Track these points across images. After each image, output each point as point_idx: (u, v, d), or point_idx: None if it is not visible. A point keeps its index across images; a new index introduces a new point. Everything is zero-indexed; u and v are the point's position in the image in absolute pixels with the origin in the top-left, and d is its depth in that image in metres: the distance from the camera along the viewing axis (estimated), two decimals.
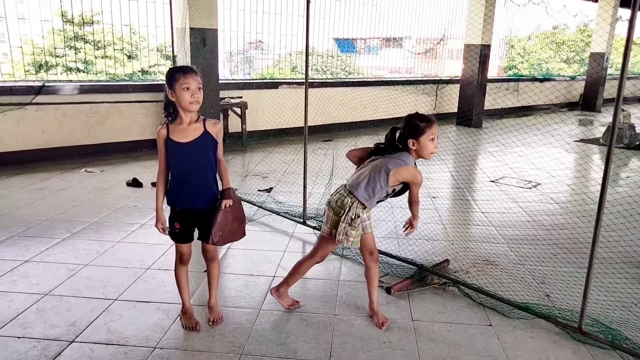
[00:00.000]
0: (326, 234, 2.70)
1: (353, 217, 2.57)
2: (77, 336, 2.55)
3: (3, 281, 3.13)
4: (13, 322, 2.67)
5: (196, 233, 2.61)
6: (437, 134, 2.61)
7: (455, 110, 11.08)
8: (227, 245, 3.86)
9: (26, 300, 2.90)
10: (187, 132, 2.43)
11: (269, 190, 5.41)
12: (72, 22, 7.56)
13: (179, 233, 2.56)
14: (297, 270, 2.88)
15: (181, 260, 2.65)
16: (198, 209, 2.52)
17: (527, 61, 18.53)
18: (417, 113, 2.63)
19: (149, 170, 6.07)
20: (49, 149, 6.45)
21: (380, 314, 2.79)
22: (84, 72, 8.46)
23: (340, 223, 2.59)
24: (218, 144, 2.52)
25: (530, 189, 5.81)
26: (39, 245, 3.71)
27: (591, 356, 2.53)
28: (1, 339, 2.51)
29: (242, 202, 2.72)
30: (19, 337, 2.53)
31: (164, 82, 2.44)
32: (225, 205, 2.50)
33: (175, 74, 2.37)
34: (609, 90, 14.53)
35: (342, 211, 2.59)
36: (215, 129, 2.50)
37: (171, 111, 2.44)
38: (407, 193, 2.68)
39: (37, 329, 2.62)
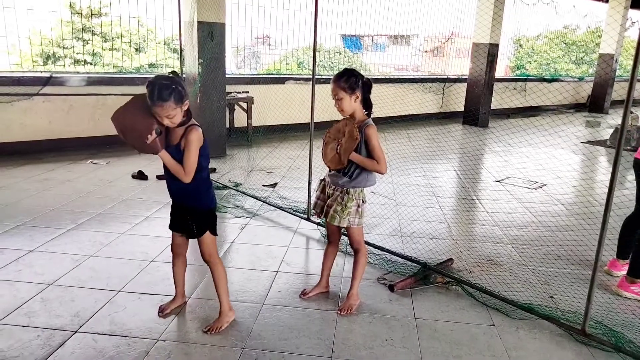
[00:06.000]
0: None
1: None
2: (80, 326, 2.57)
3: (8, 270, 3.15)
4: (17, 311, 2.69)
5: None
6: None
7: (462, 109, 11.02)
8: (231, 239, 3.89)
9: (31, 290, 2.92)
10: None
11: (273, 185, 5.41)
12: (80, 13, 7.57)
13: None
14: None
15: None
16: None
17: (535, 61, 18.39)
18: None
19: (155, 163, 6.07)
20: (55, 139, 6.48)
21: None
22: (91, 64, 8.47)
23: None
24: None
25: (535, 189, 5.79)
26: (44, 236, 3.73)
27: (594, 358, 2.52)
28: (6, 328, 2.53)
29: (246, 198, 2.72)
30: (23, 326, 2.55)
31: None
32: None
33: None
34: (618, 91, 14.42)
35: None
36: None
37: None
38: None
39: (41, 318, 2.63)
